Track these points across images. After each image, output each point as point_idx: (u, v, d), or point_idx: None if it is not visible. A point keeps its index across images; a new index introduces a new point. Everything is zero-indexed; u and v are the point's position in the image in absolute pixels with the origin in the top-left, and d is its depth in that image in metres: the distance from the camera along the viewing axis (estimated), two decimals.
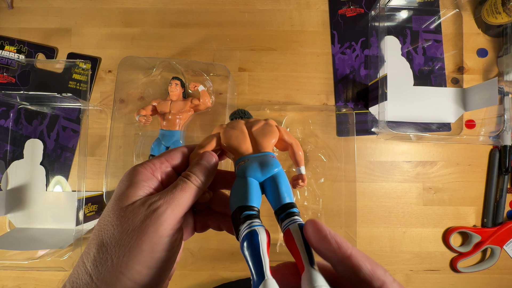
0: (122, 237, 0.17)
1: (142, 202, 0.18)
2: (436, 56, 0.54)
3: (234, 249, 0.51)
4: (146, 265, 0.17)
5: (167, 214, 0.18)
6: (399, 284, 0.17)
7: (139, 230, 0.17)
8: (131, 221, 0.17)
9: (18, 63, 0.53)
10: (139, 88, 0.52)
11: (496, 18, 0.50)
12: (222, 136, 0.24)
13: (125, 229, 0.17)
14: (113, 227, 0.18)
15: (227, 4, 0.55)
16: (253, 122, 0.26)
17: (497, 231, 0.50)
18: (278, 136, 0.25)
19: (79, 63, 0.52)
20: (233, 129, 0.25)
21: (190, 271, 0.51)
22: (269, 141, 0.24)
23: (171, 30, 0.55)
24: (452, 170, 0.53)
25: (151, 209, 0.18)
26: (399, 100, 0.52)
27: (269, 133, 0.25)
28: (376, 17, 0.53)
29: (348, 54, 0.54)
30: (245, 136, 0.24)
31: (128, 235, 0.17)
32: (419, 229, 0.52)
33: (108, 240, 0.17)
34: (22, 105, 0.53)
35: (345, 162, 0.51)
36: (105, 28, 0.55)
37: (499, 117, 0.49)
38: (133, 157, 0.51)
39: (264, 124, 0.25)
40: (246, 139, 0.24)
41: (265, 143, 0.24)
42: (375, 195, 0.52)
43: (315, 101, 0.54)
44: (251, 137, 0.24)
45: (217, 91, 0.53)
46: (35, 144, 0.52)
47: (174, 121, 0.49)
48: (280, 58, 0.54)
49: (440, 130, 0.53)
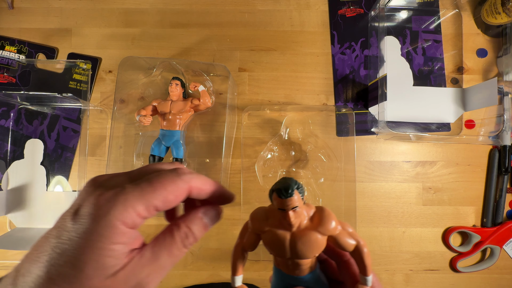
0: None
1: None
2: (436, 56, 0.54)
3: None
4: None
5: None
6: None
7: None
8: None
9: (18, 63, 0.53)
10: (139, 88, 0.52)
11: (495, 18, 0.50)
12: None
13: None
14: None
15: (227, 4, 0.55)
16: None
17: (496, 231, 0.51)
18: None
19: (79, 63, 0.52)
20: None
21: (190, 271, 0.51)
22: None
23: (171, 30, 0.55)
24: (451, 170, 0.53)
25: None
26: (398, 100, 0.52)
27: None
28: (376, 17, 0.53)
29: (348, 54, 0.54)
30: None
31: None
32: (419, 229, 0.52)
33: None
34: (22, 105, 0.53)
35: (345, 162, 0.51)
36: (105, 28, 0.55)
37: (499, 117, 0.49)
38: (133, 157, 0.51)
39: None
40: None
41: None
42: (375, 195, 0.52)
43: (315, 101, 0.54)
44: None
45: (217, 91, 0.53)
46: (35, 144, 0.53)
47: (174, 121, 0.49)
48: (280, 58, 0.54)
49: (440, 130, 0.53)
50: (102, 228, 0.16)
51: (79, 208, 0.17)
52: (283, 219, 0.20)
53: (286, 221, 0.20)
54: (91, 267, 0.15)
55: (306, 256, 0.21)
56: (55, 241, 0.16)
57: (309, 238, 0.20)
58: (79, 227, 0.16)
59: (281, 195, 0.19)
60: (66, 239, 0.16)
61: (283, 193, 0.19)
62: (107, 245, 0.16)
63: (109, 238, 0.16)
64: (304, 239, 0.20)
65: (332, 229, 0.21)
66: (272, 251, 0.22)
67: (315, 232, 0.21)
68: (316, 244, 0.21)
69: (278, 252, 0.21)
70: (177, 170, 0.18)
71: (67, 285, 0.15)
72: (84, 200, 0.17)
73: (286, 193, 0.19)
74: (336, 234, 0.21)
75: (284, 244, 0.21)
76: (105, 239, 0.16)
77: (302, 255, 0.21)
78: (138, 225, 0.17)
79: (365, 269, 0.21)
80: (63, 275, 0.15)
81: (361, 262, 0.21)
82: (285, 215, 0.20)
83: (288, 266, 0.22)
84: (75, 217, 0.16)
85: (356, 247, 0.21)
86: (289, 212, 0.20)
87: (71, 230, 0.16)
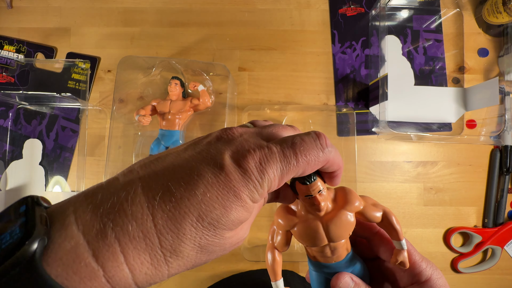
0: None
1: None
2: (437, 55, 0.54)
3: (234, 249, 0.51)
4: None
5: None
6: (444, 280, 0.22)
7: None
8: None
9: (17, 62, 0.53)
10: (138, 88, 0.52)
11: (497, 17, 0.50)
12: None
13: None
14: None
15: (227, 3, 0.55)
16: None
17: (498, 232, 0.50)
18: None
19: (78, 62, 0.52)
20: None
21: (190, 271, 0.51)
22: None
23: (170, 29, 0.55)
24: (453, 170, 0.52)
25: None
26: (399, 100, 0.52)
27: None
28: (377, 16, 0.53)
29: (348, 53, 0.54)
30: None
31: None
32: (420, 230, 0.52)
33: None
34: (21, 105, 0.53)
35: (346, 162, 0.51)
36: (104, 27, 0.55)
37: (500, 117, 0.48)
38: (132, 157, 0.51)
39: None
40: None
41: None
42: (376, 196, 0.52)
43: (315, 101, 0.54)
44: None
45: (217, 90, 0.53)
46: (34, 144, 0.52)
47: (173, 121, 0.49)
48: (280, 58, 0.54)
49: (441, 130, 0.53)
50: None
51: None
52: (310, 207, 0.21)
53: (315, 207, 0.20)
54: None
55: (342, 237, 0.21)
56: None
57: (340, 219, 0.21)
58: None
59: (305, 181, 0.20)
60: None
61: (307, 179, 0.20)
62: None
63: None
64: (336, 221, 0.21)
65: (358, 205, 0.21)
66: (308, 242, 0.21)
67: (344, 211, 0.21)
68: (348, 222, 0.21)
69: (315, 241, 0.21)
70: (320, 139, 0.17)
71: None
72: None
73: (310, 178, 0.20)
74: (362, 208, 0.21)
75: (318, 231, 0.21)
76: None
77: (338, 236, 0.21)
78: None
79: (397, 234, 0.22)
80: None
81: (392, 229, 0.22)
82: (313, 201, 0.20)
83: (325, 254, 0.22)
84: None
85: (383, 215, 0.22)
86: (316, 196, 0.20)
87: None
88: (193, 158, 0.15)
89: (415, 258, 0.22)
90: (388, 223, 0.22)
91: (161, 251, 0.14)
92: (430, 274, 0.22)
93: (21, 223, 0.13)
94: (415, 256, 0.22)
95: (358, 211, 0.21)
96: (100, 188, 0.15)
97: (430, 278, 0.22)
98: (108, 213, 0.13)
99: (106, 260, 0.13)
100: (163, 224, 0.14)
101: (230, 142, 0.16)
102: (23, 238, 0.12)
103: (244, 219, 0.16)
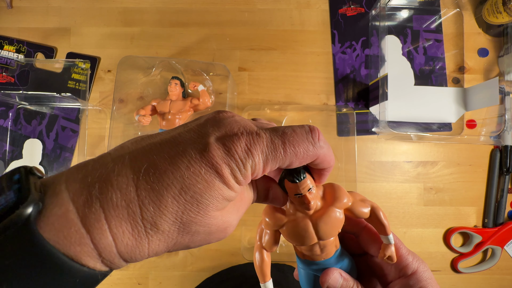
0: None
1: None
2: (437, 55, 0.54)
3: (234, 249, 0.51)
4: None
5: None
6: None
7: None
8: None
9: (17, 62, 0.53)
10: (138, 87, 0.52)
11: (497, 17, 0.50)
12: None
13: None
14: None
15: (227, 3, 0.55)
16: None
17: (498, 232, 0.50)
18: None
19: (78, 62, 0.52)
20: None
21: (190, 272, 0.51)
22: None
23: (170, 29, 0.55)
24: (453, 170, 0.52)
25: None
26: (399, 100, 0.52)
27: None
28: (377, 16, 0.53)
29: (348, 53, 0.54)
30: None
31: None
32: (420, 230, 0.52)
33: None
34: (21, 105, 0.53)
35: (346, 162, 0.51)
36: (104, 27, 0.55)
37: (500, 117, 0.48)
38: None
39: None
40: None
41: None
42: (376, 195, 0.52)
43: (315, 101, 0.54)
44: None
45: (217, 90, 0.53)
46: (34, 144, 0.52)
47: (173, 121, 0.49)
48: (280, 58, 0.54)
49: (441, 130, 0.53)
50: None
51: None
52: (300, 205, 0.20)
53: (305, 205, 0.20)
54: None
55: (332, 235, 0.21)
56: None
57: (329, 216, 0.20)
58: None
59: (295, 179, 0.19)
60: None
61: (296, 177, 0.19)
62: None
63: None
64: (325, 218, 0.20)
65: (347, 201, 0.21)
66: (297, 242, 0.21)
67: (333, 208, 0.21)
68: (337, 220, 0.21)
69: (305, 240, 0.21)
70: (312, 133, 0.17)
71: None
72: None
73: (299, 176, 0.19)
74: (351, 205, 0.21)
75: (308, 230, 0.20)
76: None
77: (328, 234, 0.21)
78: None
79: (384, 229, 0.22)
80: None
81: (379, 224, 0.22)
82: (303, 200, 0.20)
83: (315, 252, 0.22)
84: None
85: (371, 211, 0.22)
86: (306, 194, 0.20)
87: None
88: (181, 135, 0.16)
89: (401, 251, 0.23)
90: (375, 218, 0.22)
91: (142, 222, 0.14)
92: (416, 267, 0.22)
93: (15, 189, 0.13)
94: (402, 249, 0.23)
95: (346, 207, 0.21)
96: (91, 161, 0.15)
97: (416, 270, 0.22)
98: (95, 182, 0.14)
99: (92, 227, 0.13)
100: (145, 195, 0.14)
101: (220, 122, 0.16)
102: (17, 202, 0.12)
103: (228, 197, 0.16)
